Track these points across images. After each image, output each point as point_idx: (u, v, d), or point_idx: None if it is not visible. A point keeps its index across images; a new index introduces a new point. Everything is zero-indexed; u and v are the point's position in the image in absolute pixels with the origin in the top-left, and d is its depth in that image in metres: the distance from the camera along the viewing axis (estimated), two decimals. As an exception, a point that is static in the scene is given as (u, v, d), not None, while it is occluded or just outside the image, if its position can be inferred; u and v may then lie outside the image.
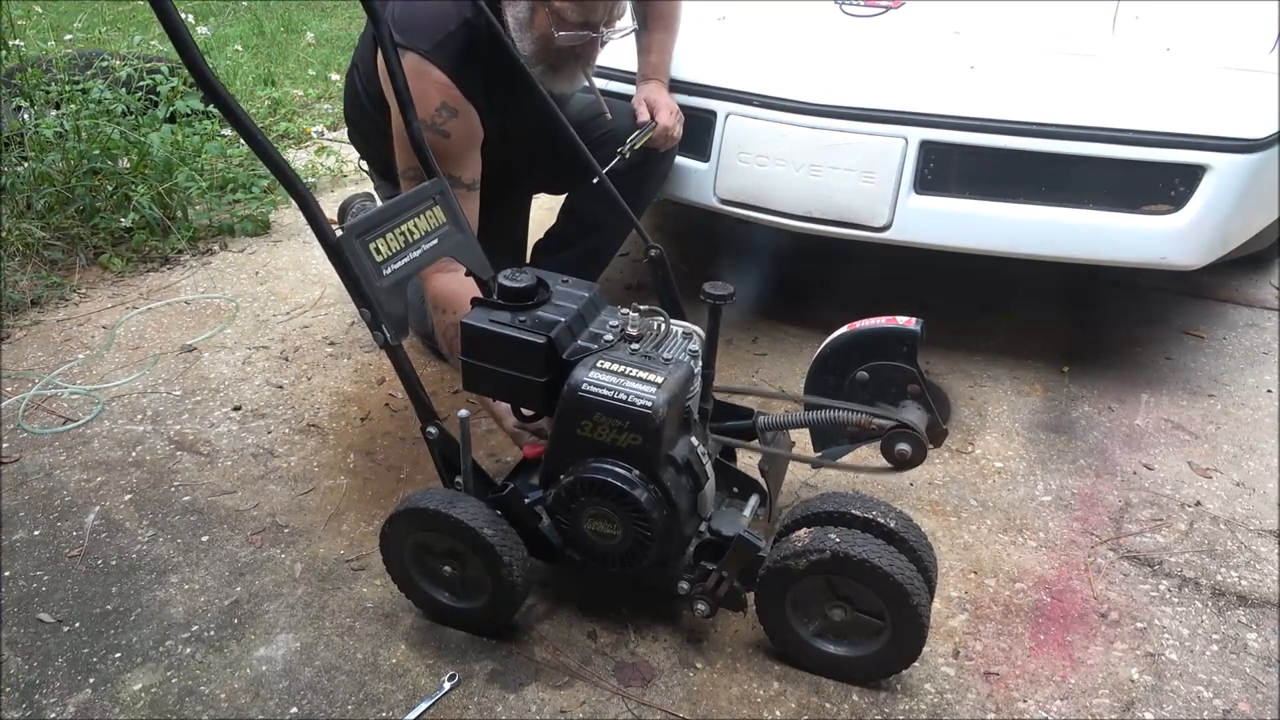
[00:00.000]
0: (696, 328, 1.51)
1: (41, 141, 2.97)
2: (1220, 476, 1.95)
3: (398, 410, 2.14)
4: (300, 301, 2.65)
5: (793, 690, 1.44)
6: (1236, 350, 2.45)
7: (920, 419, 1.60)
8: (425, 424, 1.43)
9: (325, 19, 6.68)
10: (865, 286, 2.72)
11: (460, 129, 1.82)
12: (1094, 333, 2.53)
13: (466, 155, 1.86)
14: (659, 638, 1.53)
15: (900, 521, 1.41)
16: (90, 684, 1.45)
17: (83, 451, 1.99)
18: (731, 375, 2.28)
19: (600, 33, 1.81)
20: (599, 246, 2.33)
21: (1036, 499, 1.88)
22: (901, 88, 2.09)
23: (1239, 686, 1.46)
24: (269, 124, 4.08)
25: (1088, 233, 2.00)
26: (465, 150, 1.85)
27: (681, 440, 1.41)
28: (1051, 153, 1.98)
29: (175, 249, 2.91)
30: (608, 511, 1.38)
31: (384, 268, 1.38)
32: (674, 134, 2.18)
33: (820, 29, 2.33)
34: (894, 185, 2.07)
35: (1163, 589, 1.65)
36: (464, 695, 1.42)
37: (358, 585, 1.64)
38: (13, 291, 2.57)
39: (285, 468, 1.95)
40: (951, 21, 2.24)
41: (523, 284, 1.43)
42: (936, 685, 1.45)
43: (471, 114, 1.83)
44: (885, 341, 1.61)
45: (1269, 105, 1.92)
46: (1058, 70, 2.09)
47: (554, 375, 1.39)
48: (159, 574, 1.66)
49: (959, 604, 1.61)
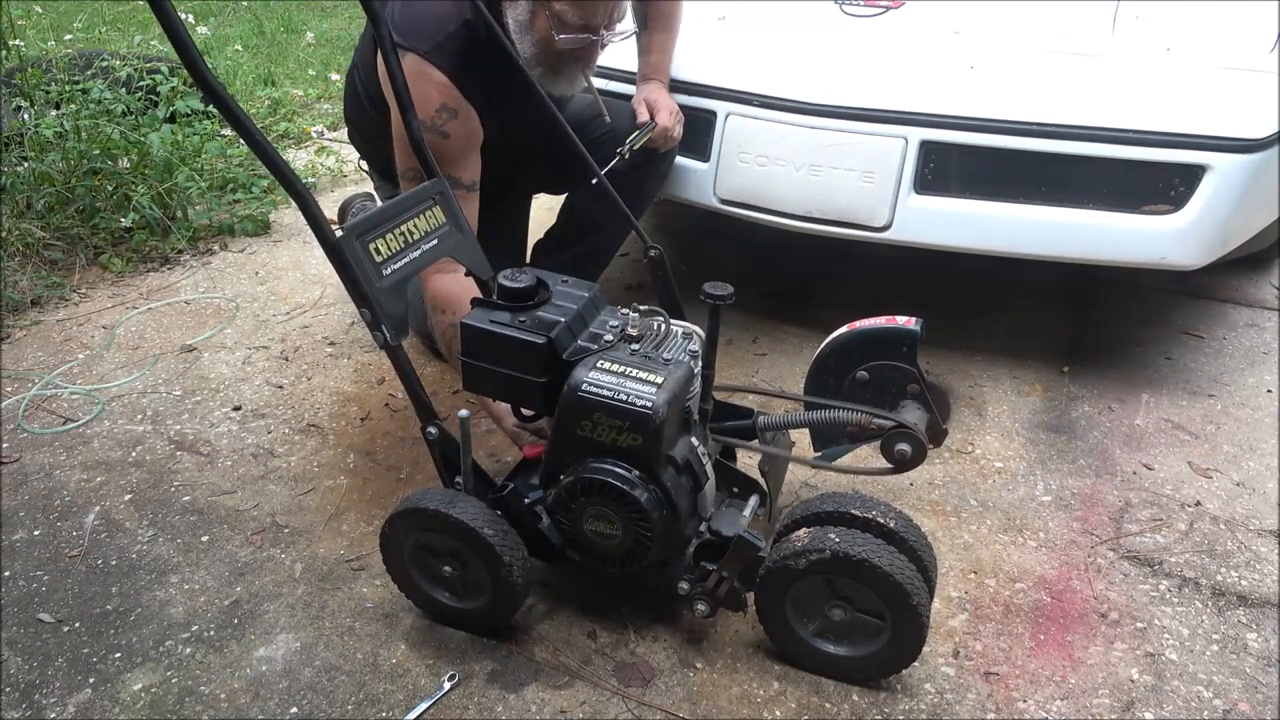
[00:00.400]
0: (696, 328, 1.51)
1: (41, 141, 2.97)
2: (1220, 476, 1.95)
3: (398, 410, 2.14)
4: (300, 301, 2.65)
5: (793, 690, 1.44)
6: (1236, 350, 2.45)
7: (920, 419, 1.60)
8: (425, 424, 1.43)
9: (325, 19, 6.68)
10: (865, 286, 2.72)
11: (460, 130, 1.82)
12: (1094, 333, 2.53)
13: (466, 156, 1.86)
14: (659, 638, 1.53)
15: (900, 521, 1.41)
16: (90, 684, 1.45)
17: (83, 451, 1.99)
18: (731, 375, 2.28)
19: (601, 35, 1.81)
20: (599, 247, 2.33)
21: (1036, 499, 1.88)
22: (901, 88, 2.09)
23: (1239, 686, 1.46)
24: (269, 124, 4.08)
25: (1088, 233, 2.00)
26: (465, 151, 1.85)
27: (681, 440, 1.41)
28: (1051, 153, 1.98)
29: (175, 249, 2.91)
30: (608, 512, 1.38)
31: (384, 268, 1.37)
32: (674, 134, 2.18)
33: (820, 29, 2.33)
34: (894, 185, 2.07)
35: (1163, 589, 1.65)
36: (464, 695, 1.42)
37: (358, 585, 1.64)
38: (13, 291, 2.57)
39: (285, 468, 1.95)
40: (951, 21, 2.24)
41: (523, 284, 1.43)
42: (936, 685, 1.45)
43: (471, 115, 1.83)
44: (885, 341, 1.61)
45: (1269, 105, 1.92)
46: (1058, 70, 2.09)
47: (554, 375, 1.39)
48: (159, 574, 1.66)
49: (959, 604, 1.61)
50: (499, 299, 1.43)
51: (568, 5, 1.75)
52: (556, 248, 2.34)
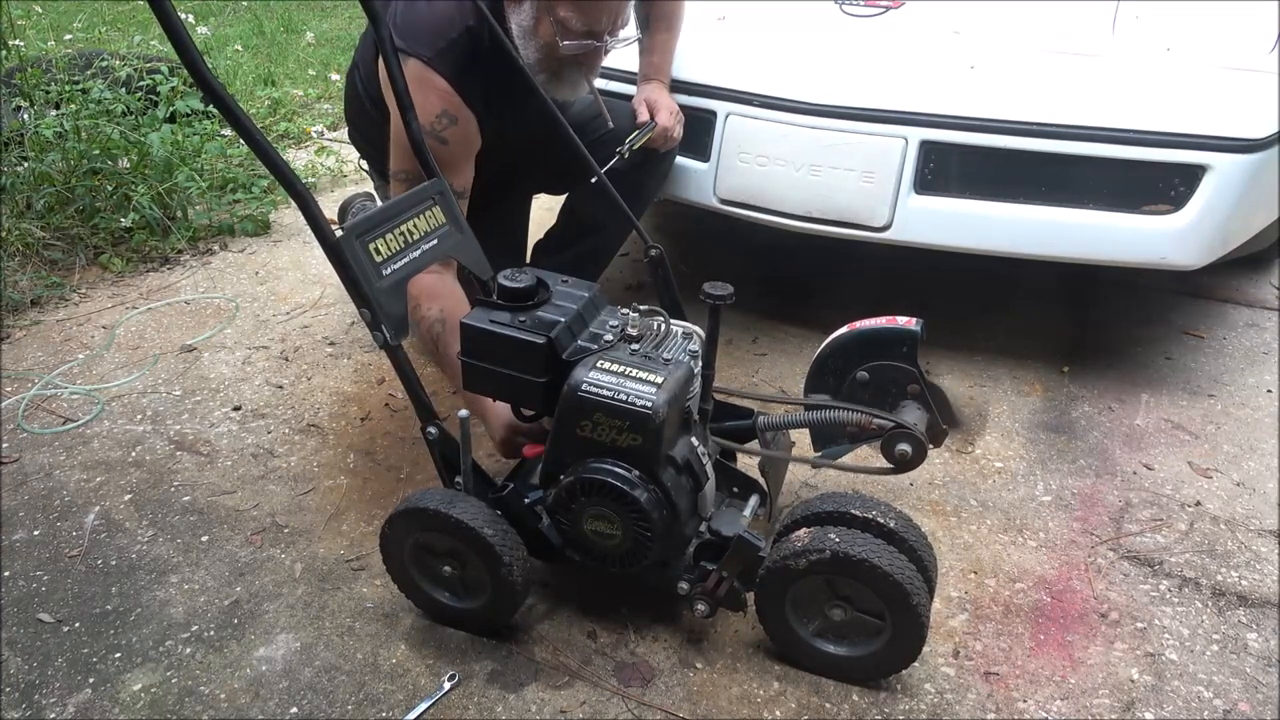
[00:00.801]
0: (696, 328, 1.51)
1: (41, 141, 2.97)
2: (1220, 476, 1.95)
3: (398, 410, 2.14)
4: (300, 301, 2.65)
5: (793, 690, 1.44)
6: (1236, 350, 2.45)
7: (920, 419, 1.60)
8: (425, 424, 1.43)
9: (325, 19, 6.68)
10: (865, 286, 2.72)
11: (458, 136, 1.82)
12: (1094, 333, 2.53)
13: (462, 163, 1.86)
14: (659, 638, 1.53)
15: (900, 521, 1.41)
16: (90, 684, 1.45)
17: (83, 451, 1.99)
18: (731, 375, 2.28)
19: (604, 41, 1.80)
20: (599, 247, 2.33)
21: (1036, 499, 1.88)
22: (901, 88, 2.09)
23: (1239, 686, 1.46)
24: (269, 124, 4.08)
25: (1088, 233, 2.00)
26: (461, 158, 1.85)
27: (681, 440, 1.41)
28: (1051, 153, 1.98)
29: (175, 249, 2.91)
30: (608, 512, 1.38)
31: (384, 268, 1.38)
32: (674, 135, 2.17)
33: (820, 29, 2.33)
34: (894, 185, 2.07)
35: (1163, 589, 1.65)
36: (464, 695, 1.42)
37: (358, 585, 1.64)
38: (13, 291, 2.57)
39: (285, 468, 1.95)
40: (951, 21, 2.24)
41: (523, 284, 1.42)
42: (936, 685, 1.45)
43: (471, 121, 1.83)
44: (885, 341, 1.61)
45: (1269, 105, 1.92)
46: (1058, 70, 2.09)
47: (554, 375, 1.39)
48: (159, 574, 1.66)
49: (959, 604, 1.61)
50: (499, 299, 1.43)
51: (572, 12, 1.74)
52: (557, 248, 2.33)
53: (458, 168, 1.84)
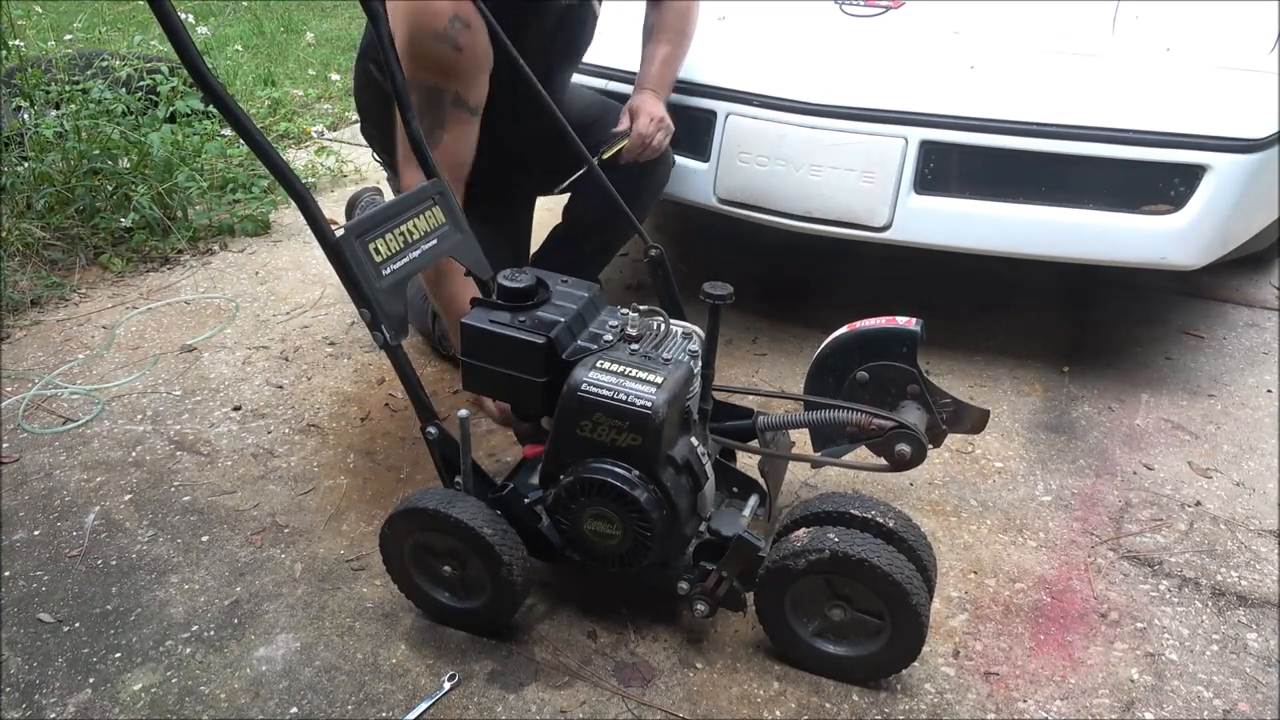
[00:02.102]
0: (696, 328, 1.51)
1: (41, 141, 2.97)
2: (1220, 476, 1.95)
3: (398, 410, 2.14)
4: (300, 301, 2.65)
5: (793, 690, 1.44)
6: (1236, 350, 2.45)
7: (920, 419, 1.60)
8: (425, 424, 1.43)
9: (325, 19, 6.68)
10: (865, 286, 2.72)
11: (472, 43, 1.74)
12: (1094, 333, 2.53)
13: (476, 75, 1.79)
14: (659, 638, 1.53)
15: (900, 521, 1.41)
16: (90, 684, 1.45)
17: (83, 451, 1.99)
18: (731, 375, 2.28)
19: None
20: (599, 248, 2.33)
21: (1036, 499, 1.88)
22: (901, 88, 2.10)
23: (1239, 686, 1.46)
24: (269, 124, 4.08)
25: (1088, 233, 2.00)
26: (475, 70, 1.78)
27: (681, 440, 1.41)
28: (1051, 153, 1.98)
29: (175, 249, 2.91)
30: (607, 512, 1.38)
31: (383, 268, 1.37)
32: (654, 143, 2.10)
33: (820, 29, 2.33)
34: (894, 185, 2.07)
35: (1163, 589, 1.65)
36: (464, 695, 1.42)
37: (358, 585, 1.64)
38: (13, 291, 2.57)
39: (285, 468, 1.95)
40: (951, 21, 2.24)
41: (522, 284, 1.43)
42: (936, 685, 1.45)
43: (483, 30, 1.75)
44: (885, 342, 1.61)
45: (1269, 105, 1.92)
46: (1058, 70, 2.09)
47: (554, 375, 1.39)
48: (159, 574, 1.66)
49: (959, 604, 1.61)
50: (499, 299, 1.43)
51: None
52: (557, 248, 2.33)
53: (473, 80, 1.78)
